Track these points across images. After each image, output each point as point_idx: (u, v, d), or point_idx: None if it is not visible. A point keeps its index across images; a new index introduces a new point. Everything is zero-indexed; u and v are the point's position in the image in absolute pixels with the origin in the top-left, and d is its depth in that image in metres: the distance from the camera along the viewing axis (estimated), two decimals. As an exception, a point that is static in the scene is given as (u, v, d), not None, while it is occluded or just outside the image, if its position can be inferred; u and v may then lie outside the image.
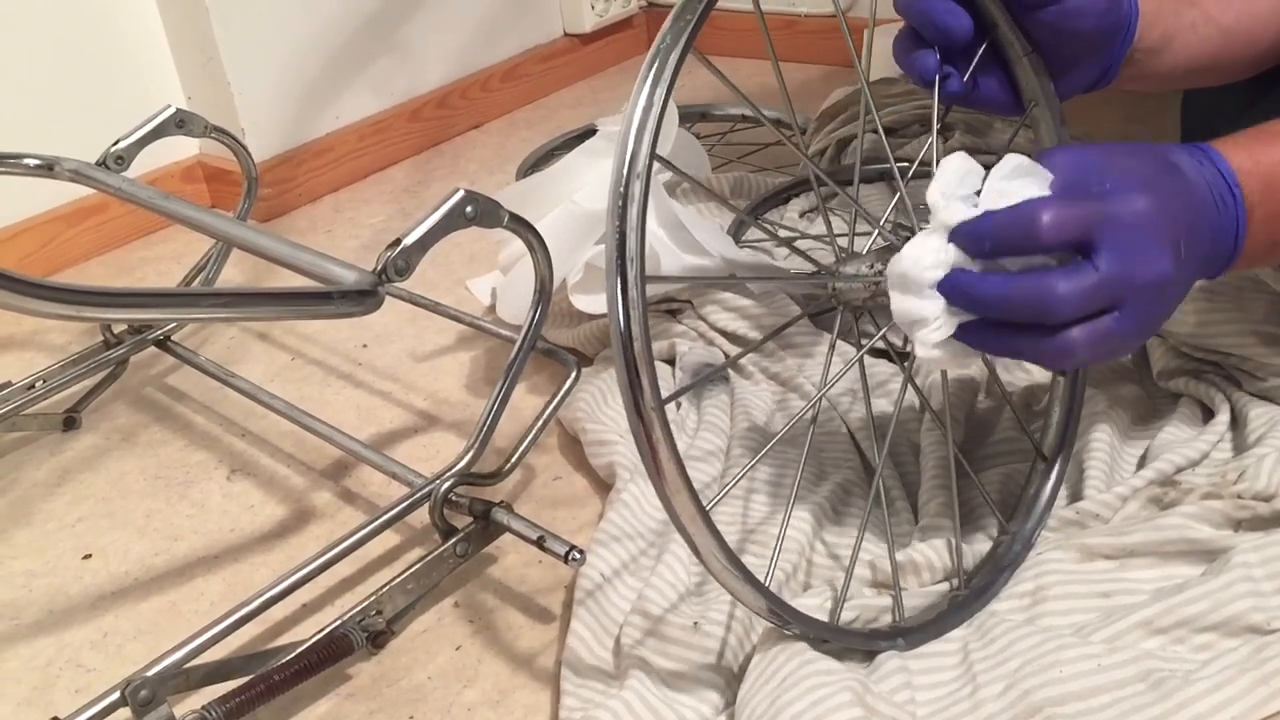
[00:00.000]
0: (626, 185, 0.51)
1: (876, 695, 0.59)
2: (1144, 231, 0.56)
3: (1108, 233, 0.56)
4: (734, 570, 0.57)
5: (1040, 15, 0.69)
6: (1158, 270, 0.57)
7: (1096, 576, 0.66)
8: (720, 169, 1.35)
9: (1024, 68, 0.71)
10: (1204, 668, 0.58)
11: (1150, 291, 0.57)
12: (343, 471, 0.93)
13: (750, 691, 0.60)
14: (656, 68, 0.53)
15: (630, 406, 0.52)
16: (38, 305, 0.55)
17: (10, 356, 1.15)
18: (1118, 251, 0.56)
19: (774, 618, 0.60)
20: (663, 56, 0.53)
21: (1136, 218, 0.56)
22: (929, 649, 0.64)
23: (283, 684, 0.66)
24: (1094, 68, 0.74)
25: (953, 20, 0.67)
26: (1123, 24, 0.73)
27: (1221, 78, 0.83)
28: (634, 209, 0.51)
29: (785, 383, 0.92)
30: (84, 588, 0.83)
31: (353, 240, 1.36)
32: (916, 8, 0.67)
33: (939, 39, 0.68)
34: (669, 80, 0.53)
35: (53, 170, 0.94)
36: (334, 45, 1.48)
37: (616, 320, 0.51)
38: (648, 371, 0.52)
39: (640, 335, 0.51)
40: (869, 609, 0.67)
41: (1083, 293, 0.55)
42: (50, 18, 1.29)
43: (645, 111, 0.52)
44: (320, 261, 0.72)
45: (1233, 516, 0.66)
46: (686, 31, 0.53)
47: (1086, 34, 0.70)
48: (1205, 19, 0.77)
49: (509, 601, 0.78)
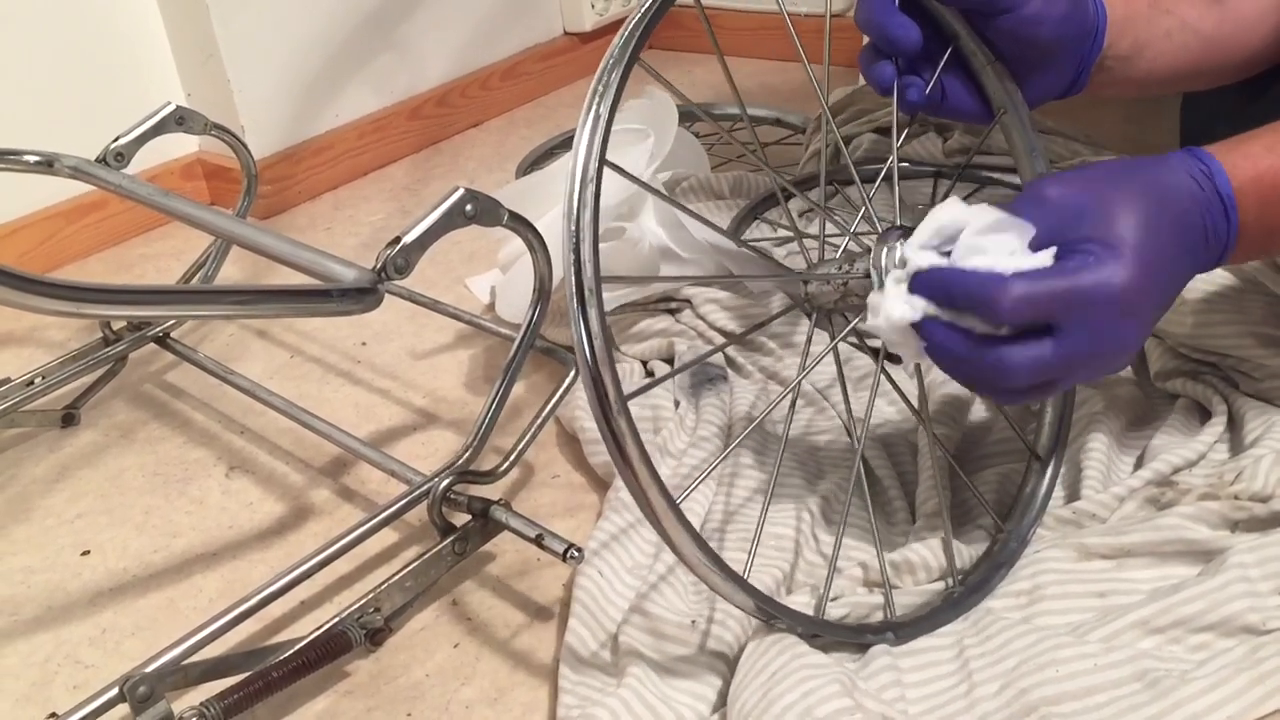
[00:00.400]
0: (581, 191, 0.55)
1: (864, 692, 0.59)
2: (1113, 311, 0.56)
3: (1073, 316, 0.56)
4: (712, 566, 0.58)
5: (998, 23, 0.70)
6: (1120, 345, 0.58)
7: (1093, 576, 0.67)
8: (719, 168, 1.35)
9: (989, 76, 0.73)
10: (1200, 667, 0.58)
11: (1105, 360, 0.59)
12: (341, 469, 0.93)
13: (742, 684, 0.61)
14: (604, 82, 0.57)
15: (594, 406, 0.54)
16: (38, 302, 0.55)
17: (9, 353, 1.15)
18: (1079, 335, 0.56)
19: (759, 613, 0.60)
20: (607, 72, 0.57)
21: (1108, 297, 0.56)
22: (922, 645, 0.65)
23: (281, 681, 0.66)
24: (1061, 74, 0.74)
25: (901, 33, 0.69)
26: (1088, 31, 0.74)
27: (1208, 82, 0.83)
28: (586, 214, 0.54)
29: (773, 375, 0.92)
30: (82, 584, 0.83)
31: (352, 238, 1.36)
32: (868, 21, 0.70)
33: (891, 50, 0.70)
34: (615, 92, 0.57)
35: (52, 167, 0.94)
36: (334, 43, 1.48)
37: (575, 323, 0.54)
38: (609, 370, 0.54)
39: (599, 334, 0.54)
40: (860, 605, 0.67)
41: (1034, 369, 0.56)
42: (50, 15, 1.29)
43: (594, 122, 0.56)
44: (320, 259, 0.72)
45: (1230, 517, 0.67)
46: (631, 45, 0.58)
47: (1046, 41, 0.72)
48: (1181, 26, 0.77)
49: (507, 599, 0.78)
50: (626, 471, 0.55)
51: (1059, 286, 0.55)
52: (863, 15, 0.70)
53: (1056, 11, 0.70)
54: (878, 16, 0.69)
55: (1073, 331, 0.56)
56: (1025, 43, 0.71)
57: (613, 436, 0.54)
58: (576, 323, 0.54)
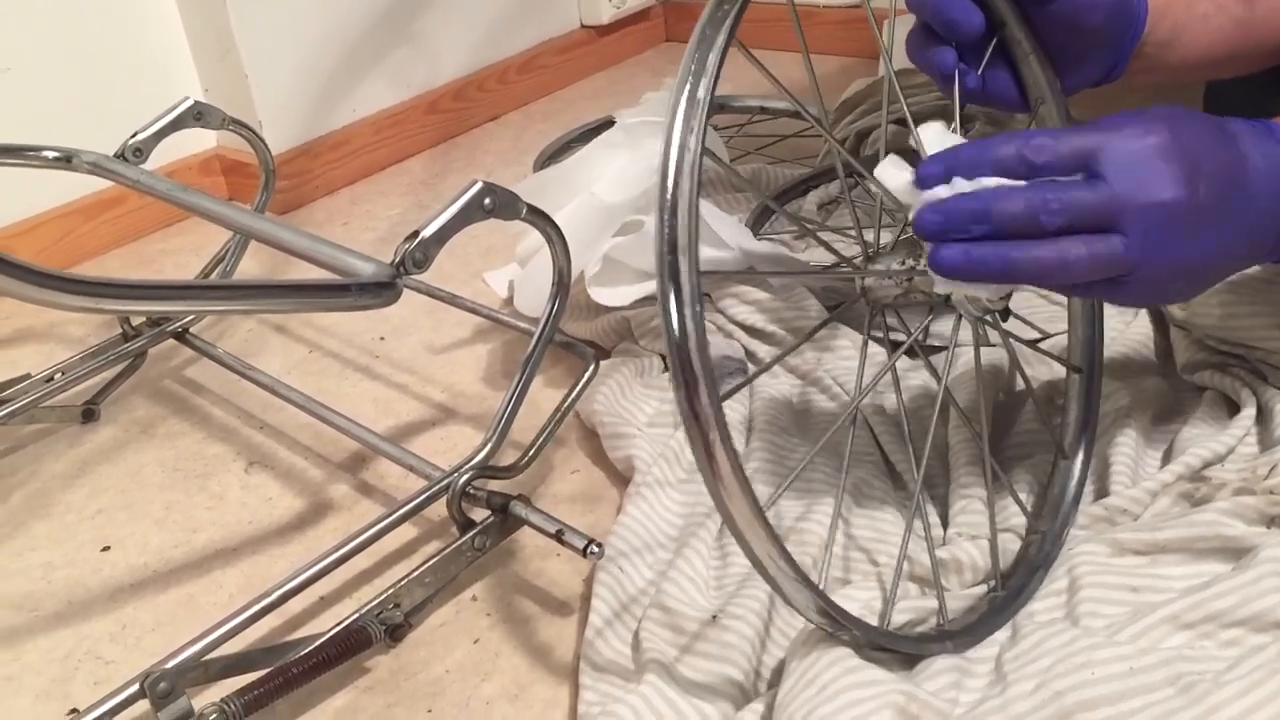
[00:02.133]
0: (676, 180, 0.50)
1: (923, 702, 0.58)
2: (1147, 156, 0.56)
3: (1107, 156, 0.55)
4: (791, 574, 0.55)
5: (1052, 9, 0.68)
6: (1161, 195, 0.56)
7: (1127, 570, 0.66)
8: (738, 160, 1.34)
9: (1030, 65, 0.71)
10: (1233, 669, 0.57)
11: (1155, 215, 0.56)
12: (360, 464, 0.93)
13: (789, 695, 0.59)
14: (698, 60, 0.52)
15: (685, 407, 0.50)
16: (58, 298, 0.55)
17: (29, 349, 1.15)
18: (1113, 172, 0.55)
19: (827, 621, 0.58)
20: (703, 49, 0.52)
21: (1140, 143, 0.56)
22: (973, 652, 0.63)
23: (301, 677, 0.66)
24: (1103, 62, 0.73)
25: (964, 16, 0.67)
26: (1132, 18, 0.72)
27: (1242, 68, 0.82)
28: (684, 202, 0.50)
29: (805, 376, 0.91)
30: (103, 580, 0.83)
31: (369, 233, 1.36)
32: (930, 4, 0.67)
33: (950, 35, 0.68)
34: (714, 74, 0.52)
35: (71, 163, 0.94)
36: (351, 38, 1.48)
37: (669, 318, 0.50)
38: (704, 369, 0.50)
39: (695, 332, 0.50)
40: (919, 611, 0.65)
41: (1073, 201, 0.55)
42: (68, 11, 1.29)
43: (689, 105, 0.51)
44: (338, 254, 0.71)
45: (1266, 513, 0.65)
46: (728, 22, 0.53)
47: (1097, 28, 0.70)
48: (1218, 9, 0.76)
49: (527, 595, 0.78)
50: (712, 478, 0.52)
51: (1094, 134, 0.56)
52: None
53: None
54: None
55: (1107, 169, 0.56)
56: (1077, 30, 0.69)
57: (704, 443, 0.51)
58: (668, 322, 0.50)
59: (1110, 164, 0.56)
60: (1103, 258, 0.56)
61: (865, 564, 0.72)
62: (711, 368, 0.50)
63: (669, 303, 0.50)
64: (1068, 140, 0.56)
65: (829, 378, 0.89)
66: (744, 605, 0.67)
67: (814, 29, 1.73)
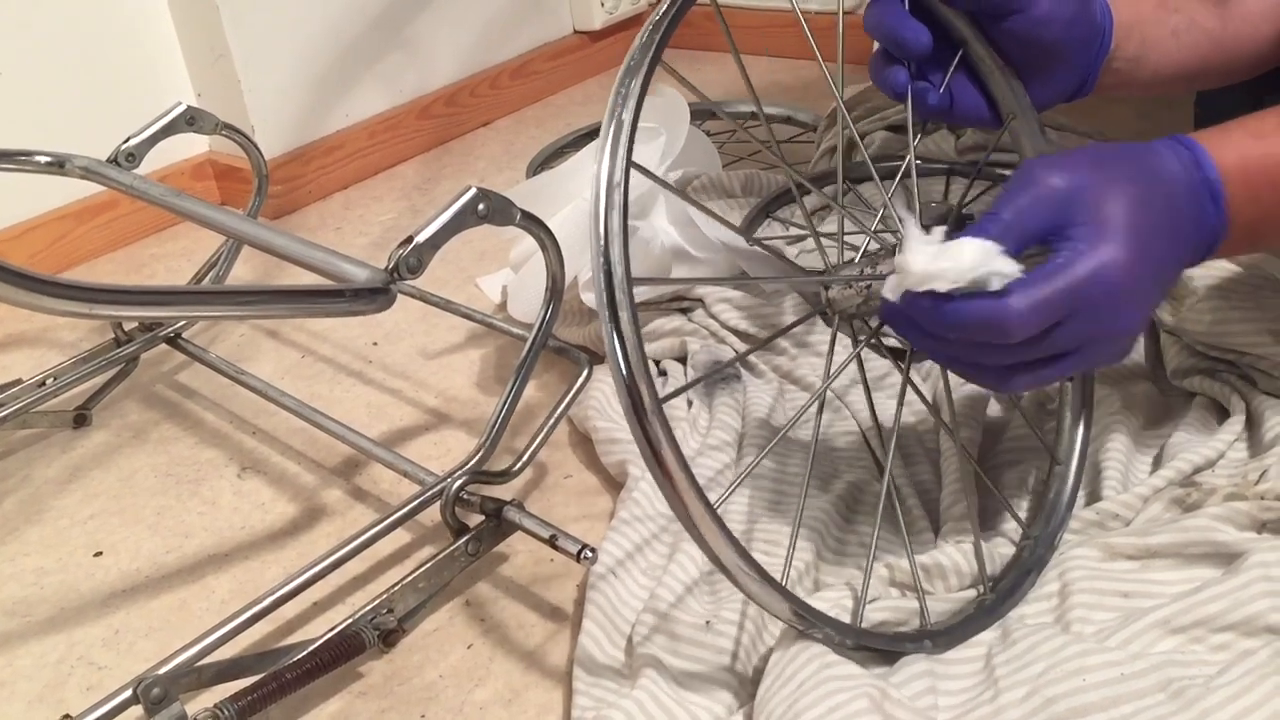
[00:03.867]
0: (608, 194, 0.54)
1: (896, 701, 0.58)
2: (1115, 296, 0.56)
3: (1077, 310, 0.56)
4: (751, 573, 0.56)
5: (1006, 25, 0.70)
6: (1127, 326, 0.58)
7: (1118, 575, 0.66)
8: (730, 166, 1.34)
9: (997, 82, 0.72)
10: (1223, 674, 0.57)
11: (1116, 343, 0.59)
12: (353, 469, 0.93)
13: (768, 693, 0.60)
14: (626, 87, 0.56)
15: (629, 410, 0.53)
16: (51, 303, 0.54)
17: (21, 353, 1.15)
18: (1085, 323, 0.56)
19: (799, 621, 0.59)
20: (629, 77, 0.57)
21: (1106, 286, 0.55)
22: (953, 652, 0.64)
23: (294, 682, 0.66)
24: (1069, 77, 0.74)
25: (912, 36, 0.68)
26: (1096, 32, 0.73)
27: (1217, 81, 0.83)
28: (615, 216, 0.53)
29: (786, 375, 0.92)
30: (95, 585, 0.83)
31: (362, 238, 1.36)
32: (878, 25, 0.69)
33: (902, 54, 0.70)
34: (637, 99, 0.56)
35: (64, 168, 0.94)
36: (344, 43, 1.48)
37: (606, 326, 0.52)
38: (644, 375, 0.53)
39: (631, 337, 0.52)
40: (898, 611, 0.66)
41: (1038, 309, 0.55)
42: (61, 16, 1.29)
43: (617, 129, 0.55)
44: (332, 259, 0.71)
45: (1257, 518, 0.66)
46: (651, 51, 0.58)
47: (1055, 43, 0.71)
48: (1189, 25, 0.77)
49: (521, 600, 0.78)
50: (662, 478, 0.54)
51: (1059, 286, 0.55)
52: (873, 20, 0.70)
53: (1065, 13, 0.70)
54: (888, 20, 0.69)
55: (1078, 322, 0.56)
56: (1034, 45, 0.71)
57: (648, 441, 0.53)
58: (609, 325, 0.53)
59: (1077, 319, 0.56)
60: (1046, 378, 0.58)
61: (849, 567, 0.73)
62: (649, 372, 0.53)
63: (602, 309, 0.53)
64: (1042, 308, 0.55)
65: (812, 375, 0.90)
66: (737, 610, 0.67)
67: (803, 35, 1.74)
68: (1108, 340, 0.58)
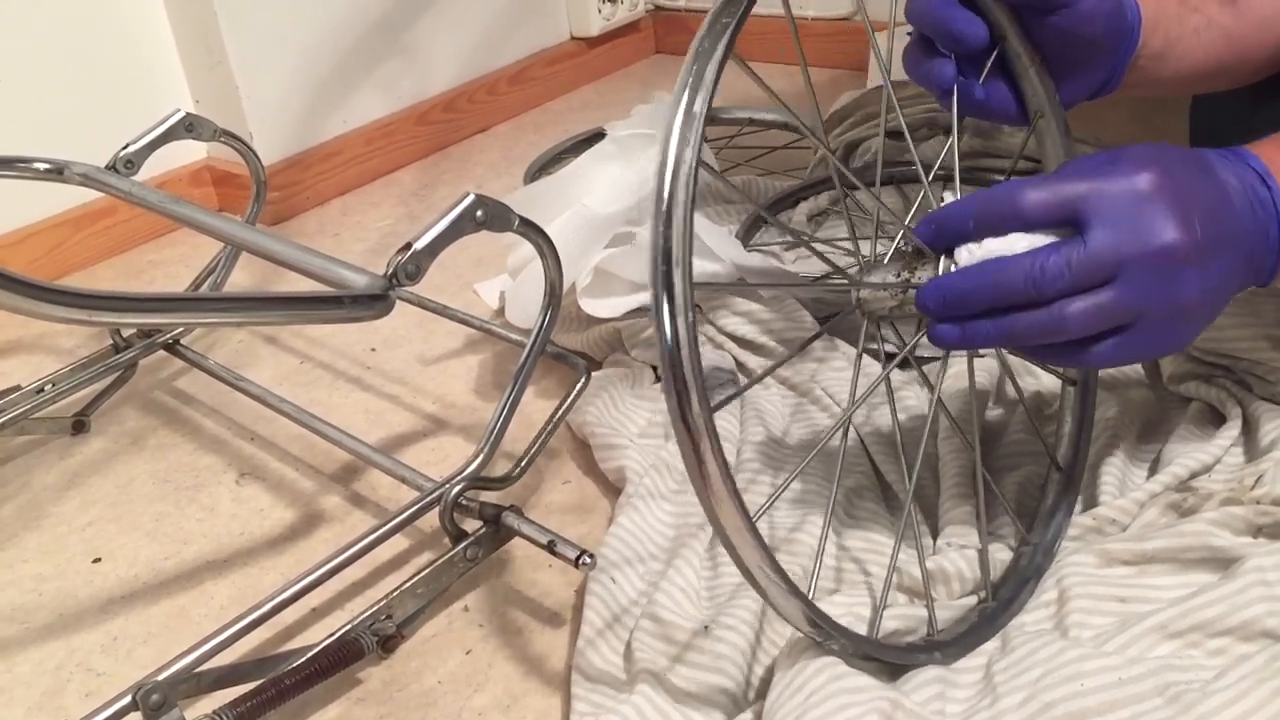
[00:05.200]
0: (671, 191, 0.50)
1: (908, 711, 0.58)
2: (1141, 201, 0.55)
3: (1096, 205, 0.55)
4: (780, 583, 0.56)
5: (1052, 20, 0.68)
6: (1160, 240, 0.55)
7: (1116, 580, 0.66)
8: (728, 172, 1.35)
9: (1031, 79, 0.70)
10: (1220, 678, 0.58)
11: (1152, 263, 0.56)
12: (352, 475, 0.93)
13: (776, 702, 0.60)
14: (695, 73, 0.52)
15: (676, 415, 0.51)
16: (51, 310, 0.55)
17: (19, 360, 1.15)
18: (1109, 223, 0.55)
19: (815, 631, 0.58)
20: (700, 62, 0.52)
21: (1132, 189, 0.55)
22: (960, 663, 0.64)
23: (293, 688, 0.66)
24: (1100, 74, 0.73)
25: (969, 29, 0.66)
26: (1126, 29, 0.73)
27: (1229, 82, 0.83)
28: (679, 213, 0.50)
29: (795, 388, 0.92)
30: (94, 591, 0.83)
31: (360, 244, 1.36)
32: (932, 16, 0.67)
33: (953, 48, 0.67)
34: (710, 87, 0.52)
35: (63, 174, 0.94)
36: (341, 49, 1.48)
37: (663, 327, 0.50)
38: (695, 380, 0.50)
39: (687, 342, 0.50)
40: (908, 619, 0.66)
41: (1071, 263, 0.55)
42: (59, 22, 1.29)
43: (686, 117, 0.51)
44: (330, 265, 0.72)
45: (1254, 523, 0.66)
46: (726, 35, 0.52)
47: (1095, 38, 0.70)
48: (1209, 23, 0.77)
49: (519, 606, 0.78)
50: (702, 485, 0.52)
51: (1080, 183, 0.55)
52: (919, 9, 0.67)
53: (1107, 8, 0.68)
54: (939, 10, 0.66)
55: (1100, 220, 0.55)
56: (1075, 41, 0.69)
57: (695, 451, 0.51)
58: (661, 331, 0.50)
59: (1102, 213, 0.55)
60: (1103, 307, 0.56)
61: (857, 574, 0.73)
62: (703, 377, 0.51)
63: (663, 312, 0.50)
64: (1058, 190, 0.56)
65: (819, 388, 0.90)
66: (736, 615, 0.67)
67: (802, 41, 1.74)
68: (1146, 259, 0.55)
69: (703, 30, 0.53)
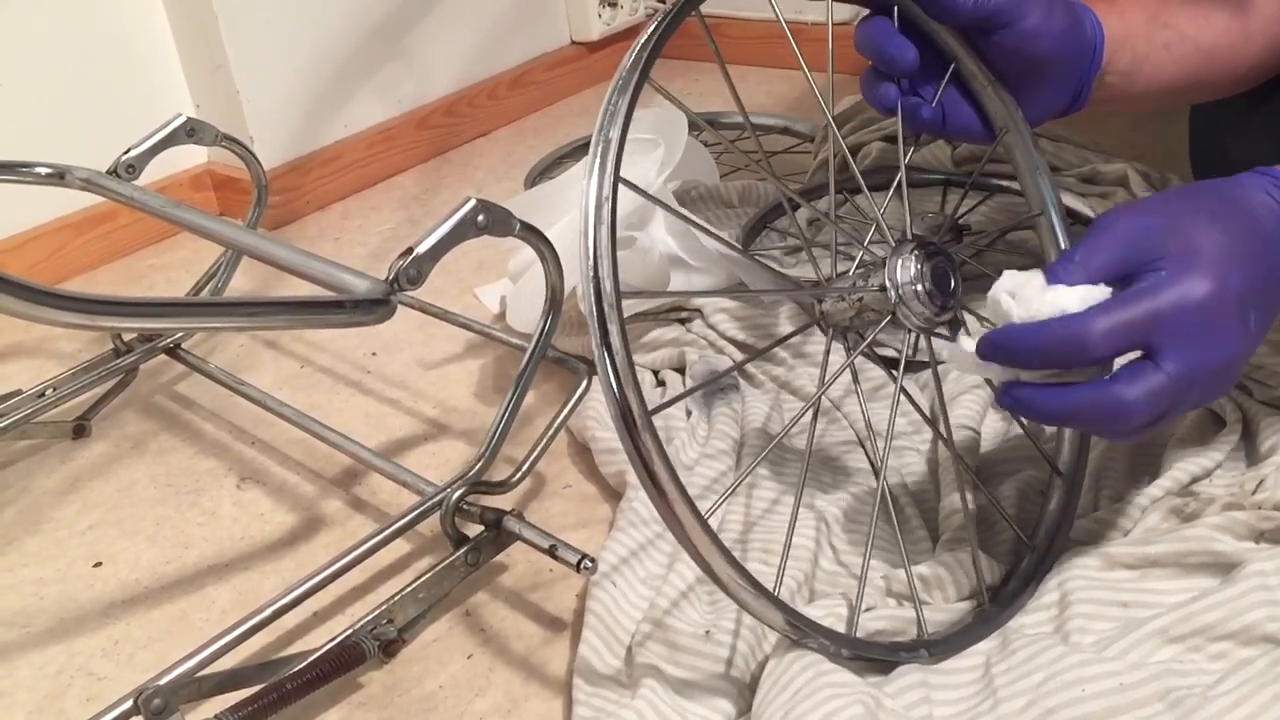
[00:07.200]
0: (596, 210, 0.56)
1: (890, 710, 0.59)
2: (1206, 321, 0.55)
3: (1167, 333, 0.55)
4: (744, 584, 0.57)
5: (996, 39, 0.70)
6: (1224, 355, 0.56)
7: (1117, 584, 0.66)
8: (728, 176, 1.35)
9: (990, 97, 0.73)
10: (1221, 683, 0.58)
11: (1217, 374, 0.57)
12: (353, 479, 0.93)
13: (764, 701, 0.60)
14: (613, 109, 0.58)
15: (619, 422, 0.54)
16: (52, 314, 0.55)
17: (20, 364, 1.15)
18: (1180, 350, 0.55)
19: (792, 630, 0.59)
20: (617, 95, 0.58)
21: (1197, 309, 0.55)
22: (950, 662, 0.64)
23: (294, 693, 0.66)
24: (1061, 92, 0.74)
25: (897, 52, 0.69)
26: (1087, 47, 0.74)
27: (1210, 94, 0.83)
28: (604, 232, 0.55)
29: (784, 384, 0.92)
30: (95, 596, 0.83)
31: (360, 248, 1.36)
32: (866, 42, 0.71)
33: (889, 71, 0.71)
34: (624, 117, 0.58)
35: (64, 179, 0.94)
36: (342, 54, 1.48)
37: (596, 340, 0.54)
38: (633, 388, 0.54)
39: (620, 351, 0.54)
40: (895, 620, 0.66)
41: (1152, 396, 0.55)
42: (61, 27, 1.29)
43: (605, 147, 0.57)
44: (331, 270, 0.72)
45: (1255, 528, 0.66)
46: (639, 70, 0.59)
47: (1045, 56, 0.71)
48: (1180, 39, 0.77)
49: (520, 610, 0.78)
50: (653, 489, 0.54)
51: (1143, 308, 0.55)
52: (861, 38, 0.71)
53: (1055, 27, 0.70)
54: (875, 38, 0.70)
55: (1172, 350, 0.55)
56: (1024, 59, 0.71)
57: (638, 453, 0.54)
58: (598, 339, 0.54)
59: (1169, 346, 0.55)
60: (1164, 418, 0.57)
61: (845, 577, 0.73)
62: (639, 383, 0.54)
63: (592, 321, 0.54)
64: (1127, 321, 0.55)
65: (809, 384, 0.90)
66: (736, 619, 0.67)
67: (802, 46, 1.74)
68: (1212, 367, 0.56)
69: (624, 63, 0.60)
